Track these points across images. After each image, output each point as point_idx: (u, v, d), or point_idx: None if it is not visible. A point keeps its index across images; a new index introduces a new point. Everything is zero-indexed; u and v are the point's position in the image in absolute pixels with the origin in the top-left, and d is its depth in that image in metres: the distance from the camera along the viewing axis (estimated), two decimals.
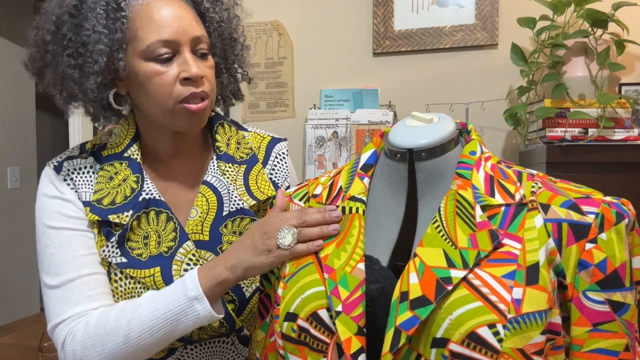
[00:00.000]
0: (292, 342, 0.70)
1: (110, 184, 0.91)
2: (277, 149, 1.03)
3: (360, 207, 0.74)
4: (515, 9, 1.80)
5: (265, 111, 2.06)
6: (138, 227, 0.90)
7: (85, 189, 0.91)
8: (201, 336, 0.91)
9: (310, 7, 2.02)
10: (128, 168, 0.92)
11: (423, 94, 1.90)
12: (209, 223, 0.92)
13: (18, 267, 3.11)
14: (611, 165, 1.42)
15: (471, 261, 0.62)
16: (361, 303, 0.65)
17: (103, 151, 0.94)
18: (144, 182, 0.91)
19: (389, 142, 0.77)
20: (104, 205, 0.89)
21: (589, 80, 1.52)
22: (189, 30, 0.86)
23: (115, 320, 0.81)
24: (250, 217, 0.94)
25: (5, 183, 3.04)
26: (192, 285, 0.79)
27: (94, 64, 0.86)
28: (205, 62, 0.89)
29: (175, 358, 0.92)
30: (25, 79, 3.54)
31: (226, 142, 0.98)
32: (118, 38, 0.85)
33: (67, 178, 0.91)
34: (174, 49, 0.86)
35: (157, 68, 0.85)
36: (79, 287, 0.85)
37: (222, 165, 0.96)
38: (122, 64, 0.86)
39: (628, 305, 0.64)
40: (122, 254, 0.88)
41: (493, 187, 0.69)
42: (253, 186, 0.96)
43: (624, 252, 0.64)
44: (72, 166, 0.92)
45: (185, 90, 0.86)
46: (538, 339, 0.59)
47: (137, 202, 0.89)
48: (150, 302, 0.81)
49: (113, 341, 0.80)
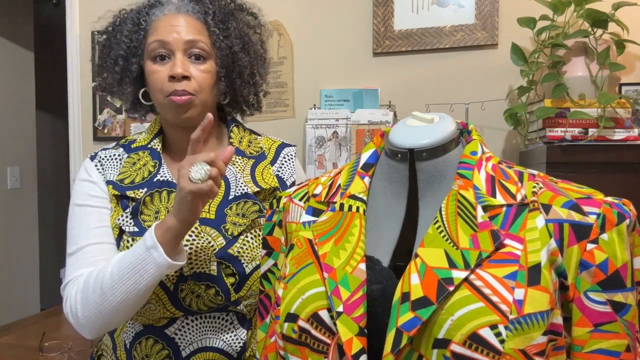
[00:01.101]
0: (293, 343, 0.70)
1: (133, 168, 1.06)
2: (286, 152, 1.17)
3: (360, 206, 0.74)
4: (515, 9, 1.80)
5: (265, 111, 2.06)
6: (151, 203, 1.02)
7: (111, 171, 1.07)
8: (200, 306, 0.99)
9: (310, 7, 2.02)
10: (149, 155, 1.08)
11: (423, 94, 1.90)
12: (216, 204, 1.04)
13: (18, 267, 3.10)
14: (611, 165, 1.42)
15: (473, 262, 0.62)
16: (362, 304, 0.65)
17: (133, 144, 1.11)
18: (160, 167, 1.06)
19: (390, 142, 0.77)
20: (124, 183, 1.04)
21: (589, 80, 1.52)
22: (183, 35, 1.01)
23: (96, 277, 0.93)
24: (253, 200, 1.04)
25: (5, 183, 3.04)
26: (149, 236, 0.89)
27: (114, 65, 1.08)
28: (199, 65, 1.03)
29: (176, 328, 1.01)
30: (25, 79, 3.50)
31: (239, 140, 1.13)
32: (133, 46, 1.05)
33: (98, 164, 1.08)
34: (169, 50, 1.01)
35: (154, 67, 1.02)
36: (85, 254, 0.99)
37: (233, 157, 1.07)
38: (134, 66, 1.06)
39: (629, 305, 0.64)
40: (135, 224, 1.01)
41: (494, 188, 0.69)
42: (258, 177, 1.08)
43: (625, 252, 0.64)
44: (104, 154, 1.10)
45: (170, 86, 1.00)
46: (540, 340, 0.59)
47: (152, 182, 1.04)
48: (120, 257, 0.92)
49: (94, 294, 0.92)
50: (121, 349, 1.04)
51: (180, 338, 1.00)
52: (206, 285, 0.97)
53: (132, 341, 1.02)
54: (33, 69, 3.25)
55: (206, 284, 0.97)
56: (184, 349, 1.00)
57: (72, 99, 2.36)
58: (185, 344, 1.00)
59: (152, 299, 0.97)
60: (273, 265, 0.85)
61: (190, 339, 1.00)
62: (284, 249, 0.83)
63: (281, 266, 0.83)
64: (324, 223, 0.75)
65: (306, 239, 0.76)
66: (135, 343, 1.01)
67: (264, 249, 0.87)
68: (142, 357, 1.01)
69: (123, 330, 1.04)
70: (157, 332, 1.01)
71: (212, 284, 0.98)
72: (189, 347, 1.00)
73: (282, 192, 0.87)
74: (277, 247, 0.85)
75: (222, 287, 0.98)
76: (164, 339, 1.00)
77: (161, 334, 1.00)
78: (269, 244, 0.86)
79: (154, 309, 0.98)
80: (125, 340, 1.03)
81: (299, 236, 0.77)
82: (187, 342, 1.00)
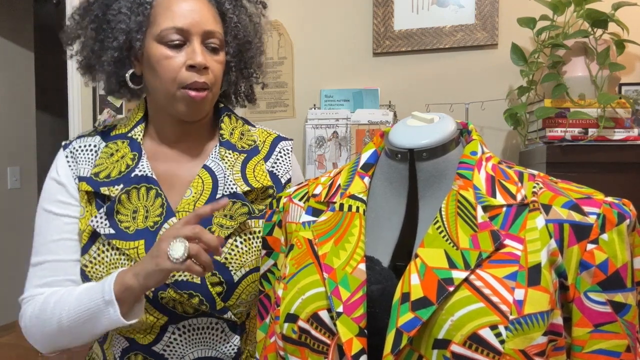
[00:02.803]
0: (293, 344, 0.70)
1: (110, 160, 0.97)
2: (281, 146, 1.07)
3: (360, 206, 0.74)
4: (515, 9, 1.80)
5: (265, 111, 2.05)
6: (128, 201, 0.94)
7: (84, 165, 0.97)
8: (185, 309, 0.93)
9: (310, 7, 2.02)
10: (128, 147, 0.98)
11: (423, 94, 1.90)
12: (201, 203, 0.96)
13: (18, 267, 3.10)
14: (611, 165, 1.42)
15: (473, 262, 0.62)
16: (362, 304, 0.65)
17: (112, 131, 1.01)
18: (139, 161, 0.97)
19: (390, 142, 0.77)
20: (99, 178, 0.95)
21: (589, 80, 1.52)
22: (202, 24, 0.93)
23: (53, 308, 0.89)
24: (241, 201, 0.95)
25: (5, 183, 3.04)
26: (108, 289, 0.83)
27: (113, 40, 0.95)
28: (215, 56, 0.95)
29: (164, 344, 0.94)
30: (25, 79, 3.50)
31: (230, 132, 1.03)
32: (138, 21, 0.93)
33: (70, 155, 0.99)
34: (185, 38, 0.92)
35: (167, 52, 0.92)
36: (44, 271, 0.94)
37: (223, 151, 1.00)
38: (138, 44, 0.94)
39: (629, 306, 0.64)
40: (111, 225, 0.92)
41: (494, 188, 0.69)
42: (250, 174, 0.99)
43: (625, 252, 0.63)
44: (78, 144, 1.00)
45: (188, 76, 0.91)
46: (540, 340, 0.59)
47: (129, 178, 0.95)
48: (80, 296, 0.87)
49: (50, 326, 0.89)
50: None
51: (169, 353, 0.94)
52: (189, 294, 0.90)
53: (121, 356, 0.96)
54: (33, 69, 3.25)
55: (189, 293, 0.90)
56: None
57: (72, 99, 2.36)
58: (175, 358, 0.95)
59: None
60: (273, 266, 0.85)
61: (181, 352, 0.95)
62: (284, 249, 0.83)
63: (281, 266, 0.83)
64: (324, 223, 0.75)
65: (306, 239, 0.76)
66: (124, 358, 0.96)
67: (263, 249, 0.87)
68: None
69: (112, 344, 0.98)
70: (145, 350, 0.94)
71: (196, 293, 0.90)
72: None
73: (282, 192, 0.87)
74: (277, 247, 0.85)
75: (206, 296, 0.90)
76: (153, 356, 0.94)
77: (149, 351, 0.94)
78: (269, 244, 0.86)
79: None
80: (115, 354, 0.97)
81: (299, 236, 0.77)
82: (178, 356, 0.95)
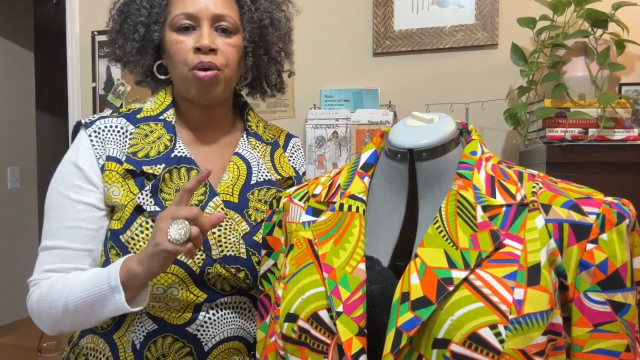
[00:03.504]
0: (293, 343, 0.70)
1: (146, 140, 0.99)
2: (293, 142, 1.17)
3: (360, 206, 0.74)
4: (515, 9, 1.80)
5: (266, 111, 2.05)
6: (170, 180, 0.97)
7: (113, 145, 0.98)
8: (224, 287, 0.97)
9: (310, 7, 2.02)
10: (163, 128, 1.01)
11: (423, 94, 1.90)
12: (239, 188, 1.01)
13: (18, 267, 3.10)
14: (611, 165, 1.42)
15: (472, 262, 0.62)
16: (362, 304, 0.65)
17: (138, 114, 1.03)
18: (176, 142, 1.00)
19: (390, 142, 0.77)
20: (138, 157, 0.97)
21: (589, 80, 1.52)
22: (211, 8, 0.97)
23: (59, 291, 0.90)
24: (276, 188, 1.04)
25: (5, 183, 3.04)
26: (114, 275, 0.85)
27: (134, 33, 1.01)
28: (227, 38, 0.98)
29: (198, 325, 0.96)
30: (25, 79, 3.50)
31: (256, 124, 1.11)
32: (155, 13, 1.00)
33: (94, 135, 0.98)
34: (195, 23, 0.97)
35: (178, 37, 0.97)
36: (53, 257, 0.95)
37: (253, 141, 1.07)
38: (156, 34, 1.00)
39: (629, 305, 0.64)
40: (156, 203, 0.95)
41: (494, 188, 0.69)
42: (277, 164, 1.08)
43: (624, 252, 0.64)
44: (103, 124, 1.00)
45: (195, 58, 0.95)
46: (539, 340, 0.59)
47: (169, 158, 0.98)
48: (86, 281, 0.89)
49: (55, 309, 0.90)
50: (126, 351, 0.97)
51: (203, 333, 0.97)
52: (236, 269, 0.95)
53: (144, 341, 0.96)
54: (33, 69, 3.25)
55: (236, 267, 0.95)
56: (206, 343, 0.97)
57: (72, 99, 2.36)
58: (207, 338, 0.97)
59: (175, 282, 0.92)
60: (273, 266, 0.85)
61: (213, 332, 0.98)
62: (284, 249, 0.83)
63: (281, 266, 0.83)
64: (324, 223, 0.75)
65: (306, 239, 0.76)
66: (149, 343, 0.95)
67: (263, 249, 0.87)
68: (157, 357, 0.95)
69: (130, 330, 0.97)
70: (177, 331, 0.96)
71: (242, 267, 0.96)
72: (212, 341, 0.97)
73: (282, 192, 0.87)
74: (277, 247, 0.85)
75: (251, 271, 0.96)
76: (185, 337, 0.96)
77: (182, 332, 0.96)
78: (269, 244, 0.86)
79: (176, 294, 0.94)
80: (134, 340, 0.96)
81: (299, 236, 0.77)
82: (210, 336, 0.97)
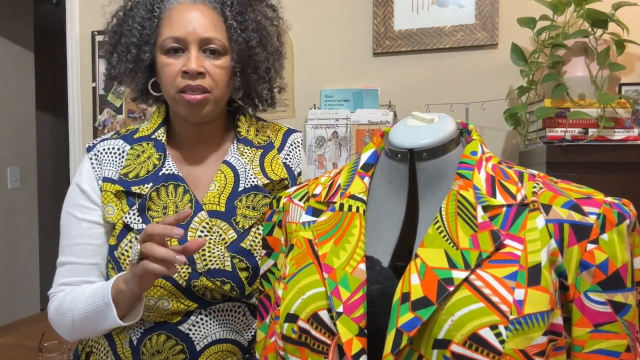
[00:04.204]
0: (293, 343, 0.70)
1: (137, 161, 1.04)
2: (292, 138, 1.15)
3: (360, 206, 0.74)
4: (515, 9, 1.80)
5: (266, 111, 2.05)
6: (158, 198, 1.02)
7: (109, 166, 1.05)
8: (214, 296, 1.00)
9: (310, 7, 2.02)
10: (153, 147, 1.05)
11: (423, 94, 1.90)
12: (226, 196, 1.03)
13: (18, 267, 3.10)
14: (611, 165, 1.42)
15: (473, 262, 0.62)
16: (362, 304, 0.65)
17: (135, 134, 1.09)
18: (165, 160, 1.04)
19: (390, 142, 0.77)
20: (129, 178, 1.03)
21: (589, 80, 1.52)
22: (199, 31, 0.98)
23: (68, 305, 0.99)
24: (263, 193, 1.04)
25: (5, 183, 3.04)
26: (107, 292, 0.93)
27: (127, 54, 1.04)
28: (215, 60, 1.00)
29: (190, 324, 1.00)
30: (25, 79, 3.49)
31: (246, 129, 1.11)
32: (146, 34, 1.02)
33: (94, 158, 1.06)
34: (184, 46, 0.99)
35: (167, 60, 0.99)
36: (65, 272, 1.04)
37: (241, 147, 1.08)
38: (147, 55, 1.03)
39: (629, 305, 0.64)
40: (143, 221, 1.00)
41: (494, 188, 0.69)
42: (267, 167, 1.08)
43: (625, 252, 0.63)
44: (102, 147, 1.07)
45: (183, 81, 0.98)
46: (540, 340, 0.59)
47: (157, 176, 1.02)
48: (88, 296, 0.97)
49: (65, 320, 1.00)
50: (124, 346, 1.02)
51: (194, 333, 1.00)
52: (221, 282, 0.98)
53: (141, 337, 1.01)
54: (33, 69, 3.25)
55: (221, 280, 0.98)
56: (198, 343, 1.00)
57: (72, 99, 2.36)
58: (199, 338, 1.00)
59: (165, 295, 0.97)
60: (273, 266, 0.85)
61: (205, 332, 1.00)
62: (284, 249, 0.83)
63: (281, 266, 0.83)
64: (324, 223, 0.75)
65: (306, 239, 0.76)
66: (145, 339, 1.00)
67: (263, 249, 0.87)
68: (152, 353, 1.00)
69: (128, 327, 1.02)
70: (170, 328, 1.00)
71: (227, 280, 0.98)
72: (203, 341, 1.00)
73: (282, 192, 0.87)
74: (277, 247, 0.85)
75: (237, 283, 0.98)
76: (178, 335, 1.00)
77: (174, 330, 1.00)
78: (269, 244, 0.86)
79: (167, 305, 0.98)
80: (132, 336, 1.02)
81: (299, 236, 0.77)
82: (202, 336, 1.00)
